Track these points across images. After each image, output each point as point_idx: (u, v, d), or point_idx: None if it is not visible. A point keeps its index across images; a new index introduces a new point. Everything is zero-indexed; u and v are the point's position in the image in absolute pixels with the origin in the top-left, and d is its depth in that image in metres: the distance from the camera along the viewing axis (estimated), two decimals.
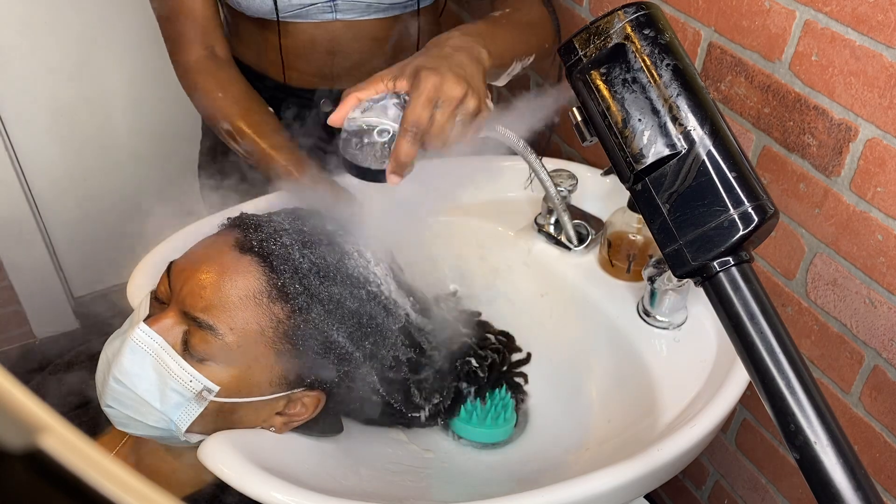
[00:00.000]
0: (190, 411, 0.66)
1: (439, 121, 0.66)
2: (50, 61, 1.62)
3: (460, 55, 0.70)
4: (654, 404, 0.79)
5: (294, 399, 0.70)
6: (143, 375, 0.65)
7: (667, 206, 0.55)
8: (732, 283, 0.52)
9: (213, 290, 0.65)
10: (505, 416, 0.87)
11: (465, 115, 0.68)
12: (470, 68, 0.69)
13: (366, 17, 0.96)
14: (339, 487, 0.70)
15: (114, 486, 0.17)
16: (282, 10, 0.93)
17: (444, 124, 0.66)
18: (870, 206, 0.77)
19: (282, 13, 0.93)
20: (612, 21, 0.56)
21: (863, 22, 0.71)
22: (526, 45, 0.86)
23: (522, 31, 0.86)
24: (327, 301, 0.67)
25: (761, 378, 0.51)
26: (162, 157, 1.82)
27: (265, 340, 0.66)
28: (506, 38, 0.81)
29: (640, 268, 0.89)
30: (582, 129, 0.60)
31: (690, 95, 0.54)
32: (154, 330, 0.65)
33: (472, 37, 0.75)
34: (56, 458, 0.17)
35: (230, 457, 0.64)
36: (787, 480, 1.01)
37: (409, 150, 0.65)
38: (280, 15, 0.94)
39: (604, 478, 0.65)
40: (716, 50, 0.89)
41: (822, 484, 0.48)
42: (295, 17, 0.95)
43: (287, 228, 0.70)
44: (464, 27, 0.79)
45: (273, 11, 0.92)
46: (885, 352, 0.81)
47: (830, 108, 0.78)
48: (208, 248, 0.68)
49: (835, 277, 0.84)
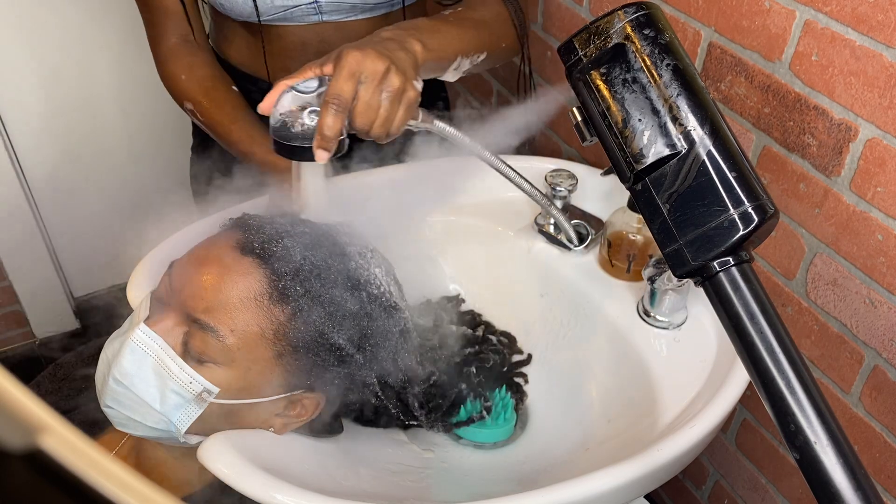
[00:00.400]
0: (190, 413, 0.66)
1: (363, 96, 0.67)
2: (50, 61, 1.62)
3: (387, 42, 0.72)
4: (654, 404, 0.79)
5: (294, 401, 0.70)
6: (143, 377, 0.65)
7: (667, 206, 0.55)
8: (732, 283, 0.52)
9: (213, 292, 0.65)
10: (505, 416, 0.87)
11: (390, 93, 0.68)
12: (396, 52, 0.70)
13: (352, 17, 0.96)
14: (339, 487, 0.70)
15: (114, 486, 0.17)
16: (265, 12, 0.93)
17: (368, 100, 0.67)
18: (870, 206, 0.77)
19: (265, 16, 0.94)
20: (612, 21, 0.56)
21: (863, 22, 0.71)
22: (475, 42, 0.86)
23: (471, 27, 0.86)
24: (328, 303, 0.67)
25: (761, 378, 0.51)
26: (163, 157, 1.82)
27: (266, 342, 0.66)
28: (449, 32, 0.82)
29: (640, 268, 0.89)
30: (582, 129, 0.59)
31: (690, 95, 0.54)
32: (154, 331, 0.65)
33: (405, 30, 0.76)
34: (56, 458, 0.17)
35: (230, 457, 0.64)
36: (787, 480, 1.01)
37: (332, 122, 0.65)
38: (264, 18, 0.94)
39: (604, 478, 0.65)
40: (716, 50, 0.89)
41: (822, 484, 0.48)
42: (280, 20, 0.95)
43: (289, 230, 0.69)
44: (401, 22, 0.81)
45: (254, 14, 0.93)
46: (885, 352, 0.81)
47: (830, 108, 0.78)
48: (209, 248, 0.68)
49: (835, 277, 0.84)
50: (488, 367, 0.89)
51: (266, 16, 0.94)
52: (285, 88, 0.69)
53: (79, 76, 1.66)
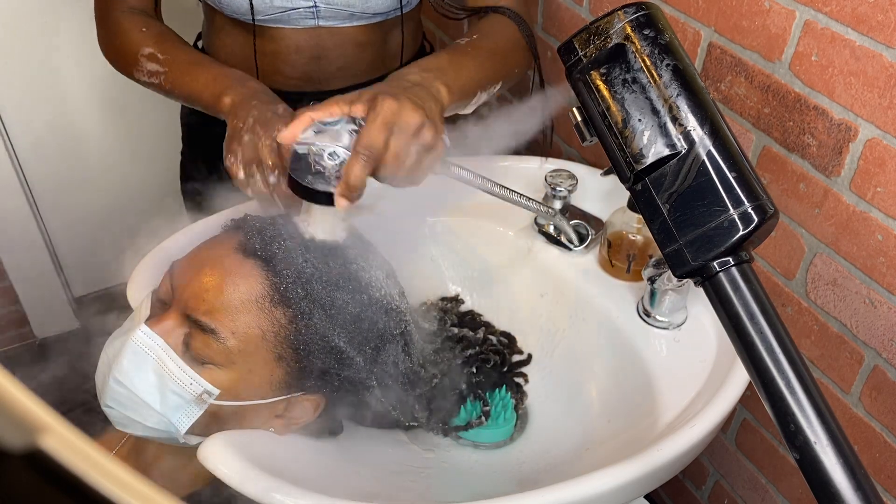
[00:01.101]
0: (189, 413, 0.66)
1: (394, 148, 0.64)
2: (50, 61, 1.62)
3: (417, 89, 0.69)
4: (654, 404, 0.79)
5: (294, 402, 0.70)
6: (144, 377, 0.65)
7: (667, 206, 0.55)
8: (732, 283, 0.52)
9: (215, 294, 0.65)
10: (505, 416, 0.87)
11: (420, 147, 0.66)
12: (428, 103, 0.68)
13: (349, 24, 0.96)
14: (339, 487, 0.70)
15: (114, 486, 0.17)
16: (262, 11, 0.92)
17: (398, 152, 0.64)
18: (870, 206, 0.77)
19: (261, 15, 0.92)
20: (612, 21, 0.56)
21: (863, 22, 0.71)
22: (492, 74, 0.83)
23: (488, 59, 0.83)
24: (329, 306, 0.67)
25: (761, 378, 0.51)
26: (163, 157, 1.82)
27: (266, 344, 0.66)
28: (469, 69, 0.80)
29: (640, 268, 0.89)
30: (582, 129, 0.59)
31: (690, 95, 0.54)
32: (155, 332, 0.65)
33: (431, 72, 0.74)
34: (56, 458, 0.17)
35: (230, 457, 0.64)
36: (787, 480, 1.01)
37: (359, 173, 0.63)
38: (259, 17, 0.92)
39: (604, 478, 0.65)
40: (716, 50, 0.89)
41: (822, 484, 0.48)
42: (276, 22, 0.94)
43: (291, 232, 0.69)
44: (424, 61, 0.77)
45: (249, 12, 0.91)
46: (885, 352, 0.81)
47: (830, 108, 0.78)
48: (211, 249, 0.68)
49: (835, 277, 0.84)
50: (488, 367, 0.89)
51: (262, 15, 0.92)
52: (310, 122, 0.66)
53: (79, 76, 1.66)
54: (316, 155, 0.65)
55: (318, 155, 0.65)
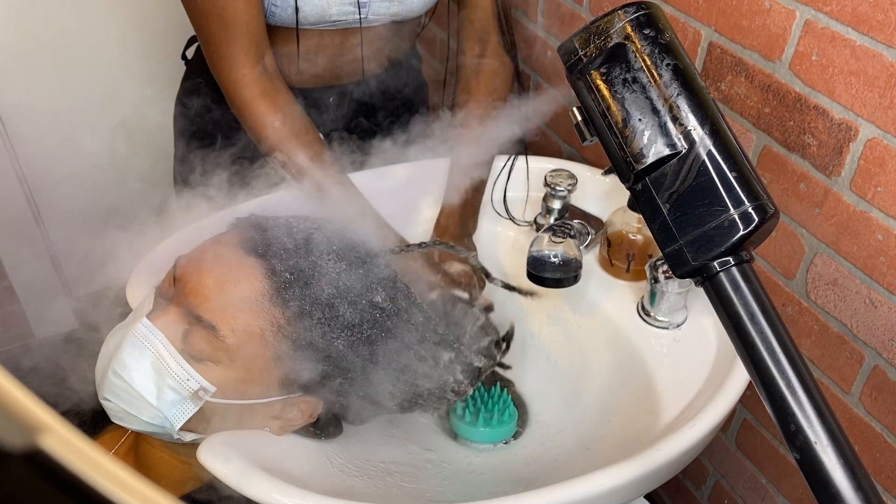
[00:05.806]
0: (185, 410, 0.66)
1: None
2: (50, 61, 1.62)
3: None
4: (654, 404, 0.79)
5: (291, 403, 0.70)
6: (141, 370, 0.65)
7: (667, 206, 0.54)
8: (733, 283, 0.52)
9: (216, 291, 0.65)
10: (505, 416, 0.87)
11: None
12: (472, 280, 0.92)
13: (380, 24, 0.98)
14: (339, 487, 0.70)
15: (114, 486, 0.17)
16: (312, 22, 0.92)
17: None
18: (870, 206, 0.77)
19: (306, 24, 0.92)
20: (612, 21, 0.56)
21: (863, 22, 0.71)
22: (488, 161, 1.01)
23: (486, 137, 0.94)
24: (329, 308, 0.67)
25: (761, 378, 0.50)
26: (163, 157, 1.82)
27: (265, 344, 0.66)
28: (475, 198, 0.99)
29: (640, 267, 0.89)
30: (582, 129, 0.59)
31: (691, 95, 0.54)
32: (156, 326, 0.65)
33: (466, 237, 0.97)
34: (56, 458, 0.17)
35: (229, 457, 0.64)
36: (787, 480, 1.01)
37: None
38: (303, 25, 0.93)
39: (604, 478, 0.65)
40: (716, 50, 0.89)
41: (822, 484, 0.48)
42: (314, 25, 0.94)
43: (294, 232, 0.69)
44: (457, 213, 0.96)
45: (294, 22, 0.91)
46: (885, 352, 0.81)
47: (830, 107, 0.77)
48: (215, 247, 0.68)
49: (835, 277, 0.84)
50: (488, 366, 0.89)
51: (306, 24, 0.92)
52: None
53: (79, 76, 1.66)
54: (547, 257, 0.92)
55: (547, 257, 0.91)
